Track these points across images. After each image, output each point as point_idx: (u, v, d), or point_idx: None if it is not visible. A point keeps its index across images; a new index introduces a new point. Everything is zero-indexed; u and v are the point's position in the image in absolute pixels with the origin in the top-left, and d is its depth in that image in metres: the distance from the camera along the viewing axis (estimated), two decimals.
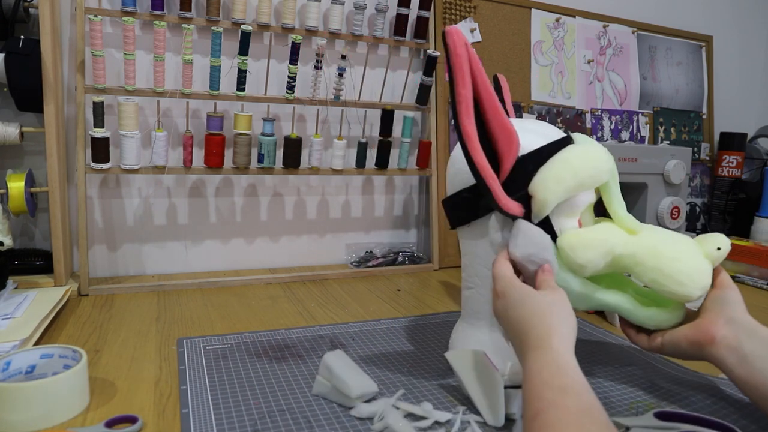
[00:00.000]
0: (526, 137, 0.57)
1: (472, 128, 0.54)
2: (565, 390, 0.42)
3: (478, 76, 0.54)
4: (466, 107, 0.53)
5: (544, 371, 0.44)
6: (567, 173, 0.55)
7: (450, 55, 0.52)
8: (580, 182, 0.56)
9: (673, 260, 0.56)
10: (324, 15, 1.06)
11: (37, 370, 0.57)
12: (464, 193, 0.61)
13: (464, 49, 0.52)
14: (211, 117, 0.96)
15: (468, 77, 0.52)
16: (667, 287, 0.56)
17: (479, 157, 0.54)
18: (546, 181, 0.55)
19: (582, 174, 0.56)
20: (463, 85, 0.52)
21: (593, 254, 0.56)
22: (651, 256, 0.56)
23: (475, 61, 0.53)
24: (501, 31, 1.25)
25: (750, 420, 0.55)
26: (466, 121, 0.53)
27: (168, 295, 0.93)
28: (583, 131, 1.36)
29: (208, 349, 0.69)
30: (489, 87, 0.54)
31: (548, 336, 0.47)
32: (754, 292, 1.07)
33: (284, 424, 0.52)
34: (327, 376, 0.57)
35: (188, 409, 0.54)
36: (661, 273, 0.56)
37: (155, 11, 0.91)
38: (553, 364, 0.45)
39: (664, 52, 1.48)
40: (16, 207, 0.85)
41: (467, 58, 0.52)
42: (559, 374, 0.43)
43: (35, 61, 0.82)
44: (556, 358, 0.45)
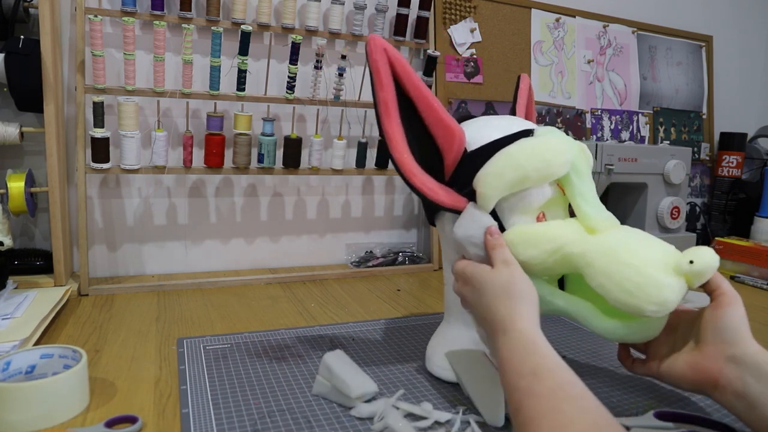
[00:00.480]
0: (484, 132, 0.57)
1: (393, 129, 0.55)
2: (535, 373, 0.42)
3: (404, 78, 0.55)
4: (386, 109, 0.55)
5: (513, 358, 0.45)
6: (508, 167, 0.53)
7: (368, 61, 0.54)
8: (523, 176, 0.53)
9: (625, 266, 0.50)
10: (324, 15, 1.06)
11: (37, 370, 0.57)
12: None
13: (382, 55, 0.54)
14: (211, 117, 0.96)
15: (386, 80, 0.54)
16: (614, 295, 0.50)
17: (402, 156, 0.55)
18: (486, 175, 0.54)
19: (526, 167, 0.53)
20: (380, 87, 0.54)
21: (536, 252, 0.54)
22: (603, 259, 0.51)
23: (400, 64, 0.55)
24: (501, 31, 1.25)
25: None
26: (386, 121, 0.55)
27: (168, 295, 0.93)
28: (583, 131, 1.36)
29: (208, 349, 0.69)
30: (420, 86, 0.55)
31: (510, 318, 0.48)
32: (754, 292, 1.08)
33: (284, 424, 0.52)
34: (327, 376, 0.57)
35: (188, 409, 0.54)
36: (609, 278, 0.50)
37: (155, 11, 0.91)
38: (520, 347, 0.45)
39: (664, 52, 1.48)
40: (16, 207, 0.85)
41: (386, 62, 0.54)
42: (527, 356, 0.44)
43: (35, 61, 0.82)
44: (521, 338, 0.46)
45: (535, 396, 0.40)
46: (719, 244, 1.26)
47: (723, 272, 1.24)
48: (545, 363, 0.43)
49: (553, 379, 0.41)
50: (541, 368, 0.42)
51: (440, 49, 1.17)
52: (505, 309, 0.48)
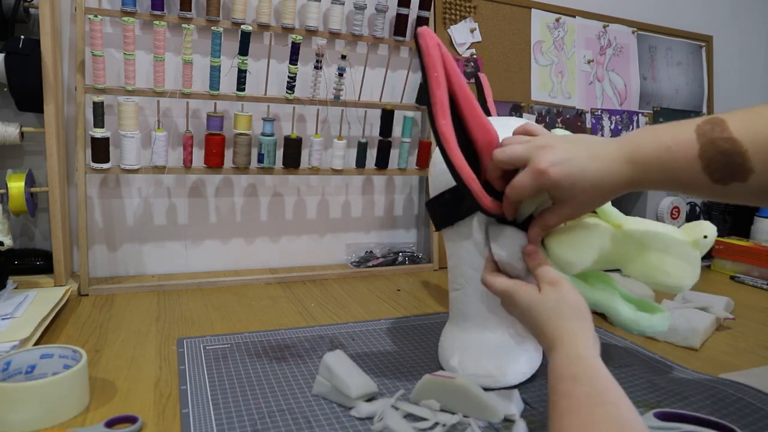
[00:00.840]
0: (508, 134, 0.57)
1: (448, 129, 0.53)
2: (575, 378, 0.43)
3: (453, 76, 0.53)
4: (442, 108, 0.52)
5: (557, 367, 0.46)
6: None
7: (423, 56, 0.51)
8: None
9: (661, 252, 0.56)
10: (324, 15, 1.06)
11: (37, 370, 0.57)
12: (447, 195, 0.60)
13: (437, 50, 0.51)
14: (211, 117, 0.96)
15: (442, 78, 0.52)
16: (657, 279, 0.56)
17: (457, 158, 0.53)
18: None
19: None
20: (438, 86, 0.52)
21: (582, 251, 0.56)
22: (639, 250, 0.57)
23: (450, 61, 0.53)
24: (501, 31, 1.25)
25: (750, 420, 0.56)
26: (442, 122, 0.52)
27: (168, 295, 0.93)
28: (583, 131, 1.36)
29: (208, 349, 0.69)
30: (465, 86, 0.54)
31: (559, 338, 0.48)
32: (754, 292, 1.08)
33: (284, 424, 0.52)
34: (327, 376, 0.57)
35: (188, 409, 0.54)
36: (650, 266, 0.56)
37: (155, 11, 0.91)
38: (565, 359, 0.46)
39: (664, 52, 1.48)
40: (16, 207, 0.85)
41: (440, 58, 0.52)
42: (569, 365, 0.45)
43: (35, 61, 0.82)
44: (568, 352, 0.47)
45: (570, 396, 0.42)
46: (719, 244, 1.26)
47: (723, 272, 1.25)
48: (586, 372, 0.44)
49: (592, 385, 0.42)
50: (581, 376, 0.43)
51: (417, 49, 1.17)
52: (555, 330, 0.49)
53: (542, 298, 0.51)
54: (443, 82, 0.52)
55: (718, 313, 0.83)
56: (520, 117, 1.27)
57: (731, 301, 0.89)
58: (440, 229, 0.64)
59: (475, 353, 0.62)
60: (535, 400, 0.59)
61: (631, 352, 0.73)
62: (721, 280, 1.17)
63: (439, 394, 0.55)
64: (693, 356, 0.73)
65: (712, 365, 0.70)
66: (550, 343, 0.49)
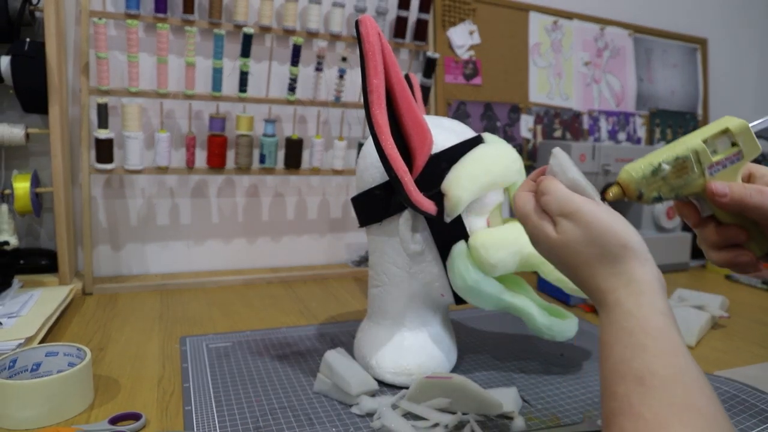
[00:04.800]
0: (441, 135, 0.57)
1: (384, 119, 0.51)
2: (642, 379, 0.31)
3: (391, 69, 0.52)
4: (378, 97, 0.50)
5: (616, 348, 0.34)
6: (480, 171, 0.56)
7: (362, 44, 0.49)
8: (492, 180, 0.57)
9: None
10: (325, 17, 1.07)
11: (43, 368, 0.58)
12: (376, 191, 0.59)
13: (377, 38, 0.50)
14: (213, 118, 0.97)
15: (380, 66, 0.50)
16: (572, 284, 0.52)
17: (391, 149, 0.51)
18: (460, 178, 0.55)
19: (494, 172, 0.57)
20: (375, 74, 0.50)
21: (505, 253, 0.56)
22: None
23: (389, 53, 0.51)
24: (499, 33, 1.26)
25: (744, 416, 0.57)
26: (378, 111, 0.50)
27: (171, 293, 0.94)
28: (580, 132, 1.37)
29: (211, 347, 0.70)
30: (403, 80, 0.53)
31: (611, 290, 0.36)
32: (748, 290, 1.09)
33: (285, 422, 0.53)
34: (328, 373, 0.58)
35: (191, 407, 0.55)
36: None
37: (158, 14, 0.92)
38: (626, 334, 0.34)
39: (660, 54, 1.49)
40: (21, 207, 0.86)
41: (380, 47, 0.50)
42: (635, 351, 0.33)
43: (40, 63, 0.83)
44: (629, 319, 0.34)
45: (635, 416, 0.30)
46: None
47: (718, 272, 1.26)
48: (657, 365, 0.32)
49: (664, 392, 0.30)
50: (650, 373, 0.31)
51: (439, 51, 1.18)
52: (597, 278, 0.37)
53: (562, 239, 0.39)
54: (381, 71, 0.50)
55: (713, 312, 0.84)
56: (518, 119, 1.28)
57: (726, 299, 0.90)
58: (365, 225, 0.62)
59: (393, 351, 0.62)
60: (533, 398, 0.59)
61: None
62: (716, 278, 1.18)
63: (436, 395, 0.54)
64: None
65: (708, 363, 0.71)
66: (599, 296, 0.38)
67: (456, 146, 0.57)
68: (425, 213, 0.55)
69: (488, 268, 0.56)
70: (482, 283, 0.57)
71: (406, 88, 0.53)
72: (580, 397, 0.60)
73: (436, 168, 0.56)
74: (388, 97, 0.53)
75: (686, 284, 1.06)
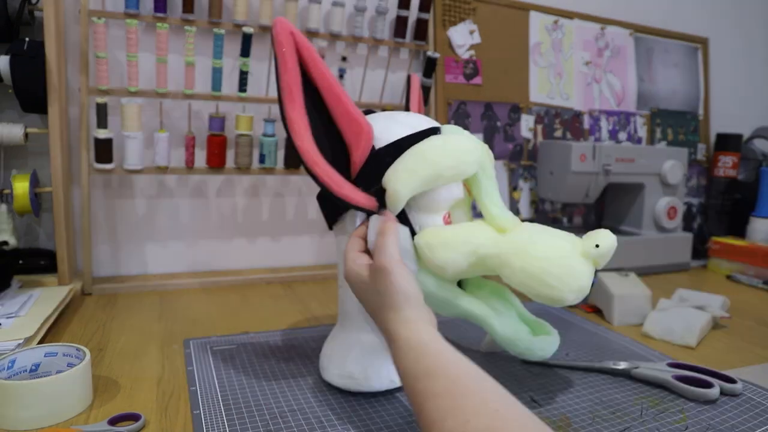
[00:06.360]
0: (393, 129, 0.55)
1: (297, 116, 0.51)
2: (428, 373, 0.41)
3: (311, 65, 0.51)
4: (289, 94, 0.51)
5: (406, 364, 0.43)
6: (420, 164, 0.52)
7: (273, 44, 0.51)
8: (435, 174, 0.52)
9: (541, 260, 0.51)
10: (325, 17, 1.07)
11: (42, 369, 0.57)
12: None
13: (288, 37, 0.51)
14: (212, 118, 0.97)
15: (291, 63, 0.50)
16: (536, 290, 0.51)
17: (305, 146, 0.51)
18: (397, 172, 0.52)
19: (439, 165, 0.52)
20: (285, 71, 0.50)
21: (453, 254, 0.52)
22: (518, 257, 0.51)
23: (308, 50, 0.51)
24: (500, 33, 1.26)
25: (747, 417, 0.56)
26: (289, 106, 0.51)
27: (170, 294, 0.94)
28: (581, 132, 1.37)
29: (215, 349, 0.70)
30: (327, 76, 0.52)
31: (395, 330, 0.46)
32: (749, 291, 1.08)
33: (296, 425, 0.52)
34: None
35: (199, 411, 0.54)
36: (528, 274, 0.51)
37: (158, 13, 0.92)
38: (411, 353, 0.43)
39: (661, 53, 1.49)
40: (20, 207, 0.86)
41: (292, 45, 0.51)
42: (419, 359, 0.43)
43: (39, 63, 0.82)
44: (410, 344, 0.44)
45: (433, 396, 0.39)
46: (716, 243, 1.27)
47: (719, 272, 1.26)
48: (437, 362, 0.42)
49: (447, 375, 0.40)
50: (433, 368, 0.41)
51: (440, 50, 1.18)
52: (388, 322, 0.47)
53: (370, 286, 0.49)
54: (291, 68, 0.50)
55: (714, 312, 0.83)
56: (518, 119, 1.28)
57: (727, 299, 0.90)
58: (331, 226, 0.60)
59: (342, 353, 0.60)
60: (542, 397, 0.59)
61: (631, 350, 0.74)
62: (717, 279, 1.18)
63: None
64: (689, 354, 0.74)
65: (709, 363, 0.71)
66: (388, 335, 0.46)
67: (402, 139, 0.54)
68: (363, 209, 0.54)
69: (435, 268, 0.53)
70: (430, 284, 0.54)
71: (333, 83, 0.52)
72: (588, 397, 0.60)
73: (379, 163, 0.53)
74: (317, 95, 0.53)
75: (687, 284, 1.06)
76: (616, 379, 0.65)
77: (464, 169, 0.54)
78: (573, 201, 1.19)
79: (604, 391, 0.61)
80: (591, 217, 1.39)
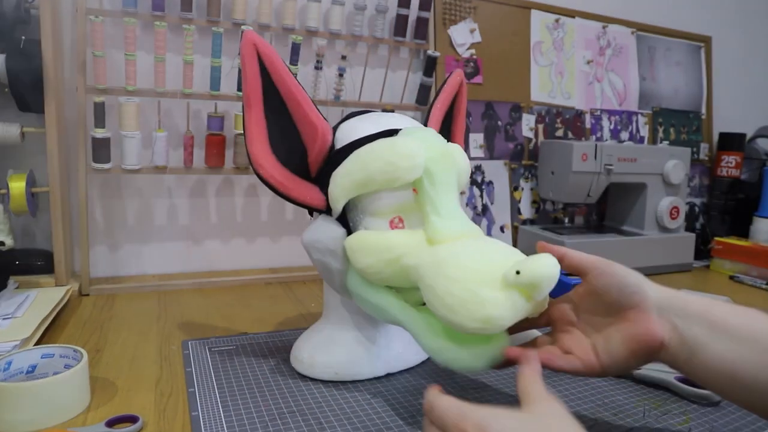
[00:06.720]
0: (354, 130, 0.56)
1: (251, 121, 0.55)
2: None
3: (272, 72, 0.54)
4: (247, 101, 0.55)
5: None
6: (354, 167, 0.52)
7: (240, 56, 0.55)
8: (367, 178, 0.51)
9: (450, 280, 0.46)
10: (324, 15, 1.06)
11: (38, 370, 0.57)
12: None
13: (249, 48, 0.54)
14: (211, 117, 0.97)
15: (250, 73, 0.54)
16: (439, 312, 0.46)
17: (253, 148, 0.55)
18: (336, 175, 0.54)
19: (371, 169, 0.51)
20: (245, 80, 0.55)
21: (373, 260, 0.51)
22: (432, 273, 0.47)
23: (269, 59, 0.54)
24: (501, 31, 1.26)
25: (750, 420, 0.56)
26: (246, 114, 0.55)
27: (169, 295, 0.93)
28: (582, 131, 1.37)
29: (214, 350, 0.69)
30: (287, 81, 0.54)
31: None
32: (753, 291, 1.08)
33: (296, 426, 0.52)
34: None
35: (198, 412, 0.54)
36: (434, 293, 0.47)
37: (156, 12, 0.92)
38: None
39: (663, 52, 1.48)
40: (17, 207, 0.85)
41: (253, 56, 0.54)
42: None
43: (36, 61, 0.82)
44: None
45: None
46: (718, 243, 1.26)
47: (722, 272, 1.25)
48: None
49: None
50: None
51: (440, 49, 1.18)
52: None
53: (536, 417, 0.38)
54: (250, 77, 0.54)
55: None
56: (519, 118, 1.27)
57: (730, 300, 0.89)
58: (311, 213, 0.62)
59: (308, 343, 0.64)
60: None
61: None
62: (720, 279, 1.18)
63: None
64: None
65: None
66: None
67: (355, 141, 0.54)
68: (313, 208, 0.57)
69: (359, 273, 0.53)
70: (362, 289, 0.54)
71: (291, 87, 0.55)
72: (590, 399, 0.59)
73: (331, 164, 0.55)
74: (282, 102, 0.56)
75: (690, 285, 1.05)
76: (618, 380, 0.64)
77: (399, 174, 0.50)
78: (574, 201, 1.19)
79: (606, 393, 0.61)
80: (593, 218, 1.38)
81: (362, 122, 0.57)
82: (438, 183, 0.51)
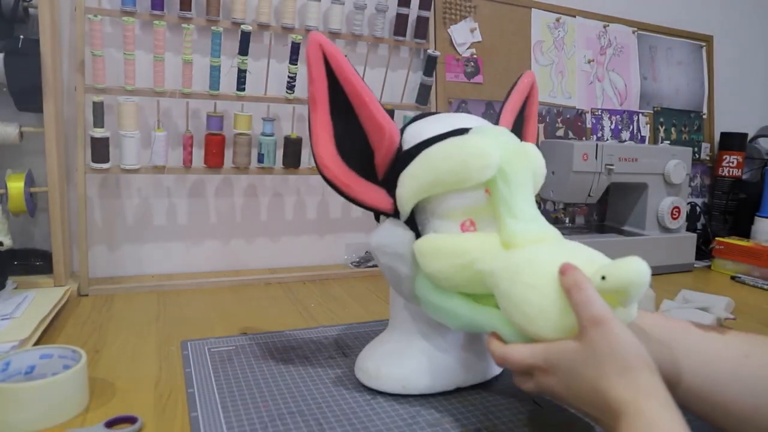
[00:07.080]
0: (422, 131, 0.54)
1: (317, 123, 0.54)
2: None
3: (338, 73, 0.53)
4: (312, 102, 0.54)
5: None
6: (422, 168, 0.50)
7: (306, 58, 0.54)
8: (435, 179, 0.49)
9: (527, 287, 0.44)
10: (324, 15, 1.06)
11: (37, 371, 0.57)
12: None
13: (315, 49, 0.53)
14: (211, 117, 0.96)
15: (316, 75, 0.53)
16: (515, 319, 0.45)
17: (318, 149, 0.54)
18: (404, 177, 0.52)
19: (440, 169, 0.49)
20: (311, 82, 0.54)
21: (444, 265, 0.49)
22: (508, 279, 0.45)
23: (335, 60, 0.53)
24: (501, 31, 1.25)
25: None
26: (312, 116, 0.54)
27: (168, 295, 0.93)
28: (583, 131, 1.36)
29: (213, 351, 0.69)
30: (354, 82, 0.53)
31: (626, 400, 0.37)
32: (754, 292, 1.07)
33: (295, 427, 0.52)
34: None
35: (197, 413, 0.54)
36: (510, 301, 0.45)
37: (155, 11, 0.91)
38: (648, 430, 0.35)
39: (665, 51, 1.48)
40: (15, 207, 0.85)
41: (319, 57, 0.53)
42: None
43: (34, 60, 0.82)
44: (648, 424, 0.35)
45: None
46: (720, 243, 1.26)
47: (723, 272, 1.25)
48: None
49: None
50: None
51: (440, 49, 1.17)
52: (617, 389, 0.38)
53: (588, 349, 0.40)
54: (315, 78, 0.53)
55: (718, 314, 0.82)
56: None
57: (732, 301, 0.89)
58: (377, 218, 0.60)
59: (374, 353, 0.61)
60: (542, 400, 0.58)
61: None
62: (722, 280, 1.17)
63: None
64: None
65: None
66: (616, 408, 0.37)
67: (423, 142, 0.52)
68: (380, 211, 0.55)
69: (429, 278, 0.51)
70: (432, 295, 0.52)
71: (357, 88, 0.53)
72: None
73: (399, 166, 0.53)
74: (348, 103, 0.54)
75: (691, 285, 1.05)
76: None
77: (471, 174, 0.48)
78: (575, 201, 1.18)
79: None
80: (593, 218, 1.38)
81: (431, 123, 0.55)
82: (513, 183, 0.49)
